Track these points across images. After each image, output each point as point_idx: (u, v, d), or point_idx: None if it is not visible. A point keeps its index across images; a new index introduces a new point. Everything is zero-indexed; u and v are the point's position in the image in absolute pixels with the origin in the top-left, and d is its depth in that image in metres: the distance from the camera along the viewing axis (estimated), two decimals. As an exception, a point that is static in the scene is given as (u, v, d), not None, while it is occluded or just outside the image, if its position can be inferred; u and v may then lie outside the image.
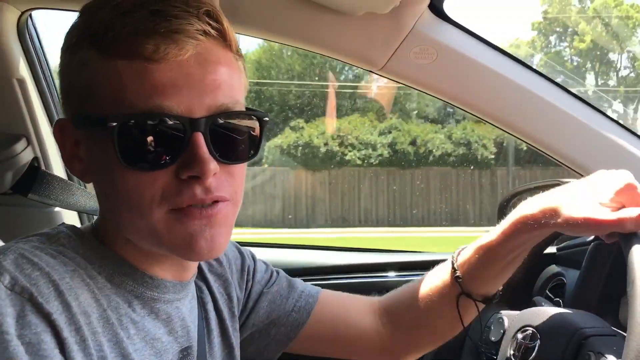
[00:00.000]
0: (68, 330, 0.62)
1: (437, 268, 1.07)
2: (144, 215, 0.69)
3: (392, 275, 1.73)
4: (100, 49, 0.68)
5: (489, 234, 0.97)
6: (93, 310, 0.66)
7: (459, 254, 1.03)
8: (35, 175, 1.41)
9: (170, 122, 0.66)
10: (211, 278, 0.96)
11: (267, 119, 0.77)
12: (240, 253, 1.05)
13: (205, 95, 0.68)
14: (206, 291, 0.94)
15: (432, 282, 1.05)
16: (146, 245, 0.74)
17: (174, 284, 0.79)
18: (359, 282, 1.72)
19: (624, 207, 0.80)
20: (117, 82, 0.67)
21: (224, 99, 0.70)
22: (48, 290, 0.62)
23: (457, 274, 1.00)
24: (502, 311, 1.12)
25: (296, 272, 1.65)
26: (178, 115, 0.67)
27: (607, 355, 0.85)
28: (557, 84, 1.42)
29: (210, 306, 0.93)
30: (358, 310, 1.09)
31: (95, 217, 0.82)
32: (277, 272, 1.09)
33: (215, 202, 0.71)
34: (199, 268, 0.93)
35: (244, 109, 0.74)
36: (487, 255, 0.96)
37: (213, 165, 0.68)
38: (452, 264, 1.01)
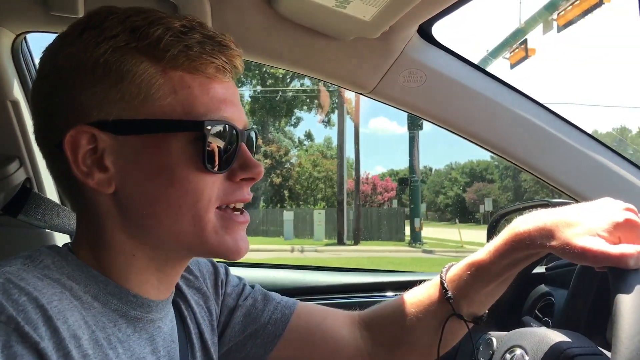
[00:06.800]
0: (56, 356, 0.61)
1: (422, 285, 1.06)
2: (199, 216, 0.75)
3: (389, 294, 1.73)
4: (160, 61, 0.73)
5: (481, 252, 0.96)
6: (83, 332, 0.66)
7: (447, 271, 1.02)
8: (26, 197, 1.40)
9: (234, 132, 0.77)
10: (189, 292, 0.96)
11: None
12: (214, 266, 1.05)
13: (242, 112, 0.80)
14: (185, 306, 0.94)
15: (418, 299, 1.04)
16: (177, 249, 0.78)
17: (156, 303, 0.79)
18: (354, 301, 1.72)
19: (620, 241, 0.78)
20: (186, 93, 0.74)
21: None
22: (36, 315, 0.61)
23: (448, 294, 0.98)
24: (490, 332, 1.12)
25: (289, 292, 1.66)
26: (236, 126, 0.77)
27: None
28: (544, 107, 1.45)
29: (190, 320, 0.93)
30: (335, 323, 1.08)
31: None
32: (252, 286, 1.09)
33: (244, 208, 0.81)
34: (177, 284, 0.94)
35: None
36: (479, 273, 0.95)
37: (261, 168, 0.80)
38: (442, 282, 1.00)
